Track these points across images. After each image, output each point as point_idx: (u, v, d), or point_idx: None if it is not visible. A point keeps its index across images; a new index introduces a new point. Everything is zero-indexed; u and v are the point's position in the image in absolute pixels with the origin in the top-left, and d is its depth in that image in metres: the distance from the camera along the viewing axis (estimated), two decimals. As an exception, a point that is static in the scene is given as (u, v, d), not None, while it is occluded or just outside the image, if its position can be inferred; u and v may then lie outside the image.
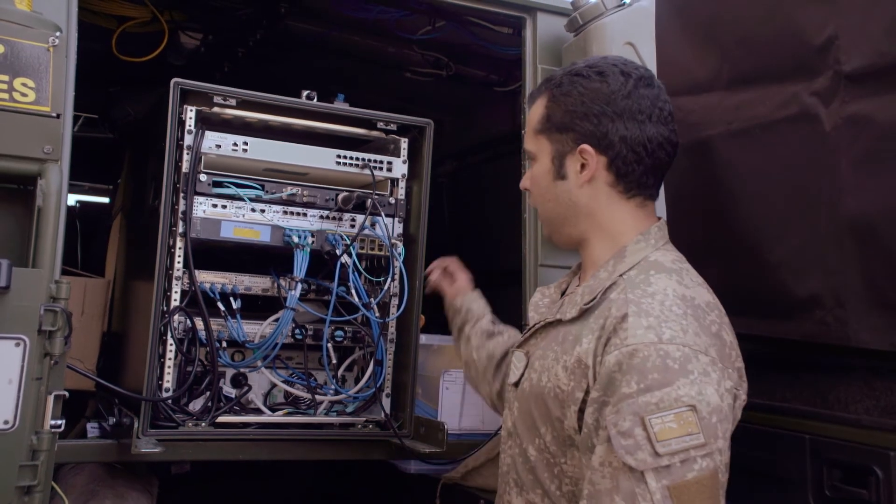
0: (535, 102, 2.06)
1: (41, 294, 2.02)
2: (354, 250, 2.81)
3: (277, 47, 3.67)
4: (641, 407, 1.66)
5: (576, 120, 1.96)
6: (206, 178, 2.68)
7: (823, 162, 1.91)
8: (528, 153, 2.09)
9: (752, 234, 2.13)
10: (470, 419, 3.17)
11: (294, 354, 2.92)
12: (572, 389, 1.81)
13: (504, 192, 4.03)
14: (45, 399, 2.08)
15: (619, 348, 1.72)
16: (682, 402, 1.65)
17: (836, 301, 1.90)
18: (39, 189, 2.09)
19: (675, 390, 1.66)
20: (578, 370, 1.80)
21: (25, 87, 2.09)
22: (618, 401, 1.68)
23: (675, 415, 1.65)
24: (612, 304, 1.82)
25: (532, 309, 2.15)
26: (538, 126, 2.04)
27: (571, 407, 1.80)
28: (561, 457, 1.86)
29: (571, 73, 2.00)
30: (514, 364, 2.08)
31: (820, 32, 1.90)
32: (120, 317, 3.32)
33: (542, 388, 1.90)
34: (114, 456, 2.67)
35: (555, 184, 2.02)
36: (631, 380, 1.68)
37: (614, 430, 1.66)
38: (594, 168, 1.96)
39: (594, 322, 1.84)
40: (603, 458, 1.69)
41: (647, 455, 1.64)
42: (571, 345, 1.86)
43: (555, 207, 2.04)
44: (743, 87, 2.15)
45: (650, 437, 1.64)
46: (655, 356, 1.69)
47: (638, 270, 1.90)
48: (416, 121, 2.95)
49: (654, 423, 1.64)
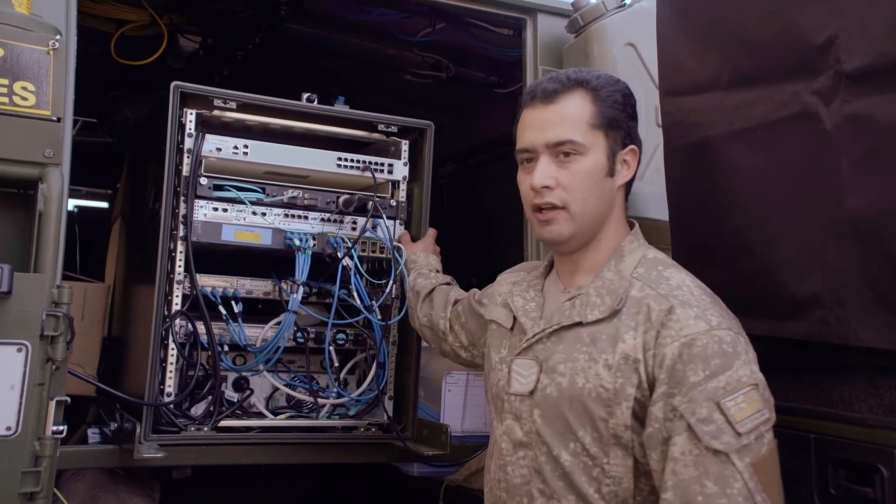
0: (569, 99, 2.01)
1: (43, 299, 2.01)
2: (356, 253, 2.80)
3: (277, 50, 3.66)
4: (712, 392, 1.74)
5: (622, 121, 2.04)
6: (207, 181, 2.68)
7: (824, 161, 1.91)
8: (575, 146, 1.99)
9: (754, 233, 2.12)
10: (472, 421, 3.16)
11: (295, 358, 2.92)
12: (621, 386, 1.84)
13: (504, 194, 4.03)
14: (46, 405, 2.07)
15: (676, 339, 1.80)
16: (744, 383, 1.76)
17: (837, 300, 1.90)
18: (41, 193, 2.08)
19: (735, 372, 1.76)
20: (626, 366, 1.85)
21: (26, 91, 2.08)
22: (688, 390, 1.76)
23: (744, 395, 1.75)
24: (644, 300, 1.89)
25: (522, 315, 2.10)
26: (593, 120, 2.01)
27: (623, 404, 1.84)
28: (603, 458, 1.87)
29: (602, 76, 2.06)
30: (517, 372, 2.04)
31: (820, 32, 1.89)
32: (120, 321, 3.31)
33: (580, 390, 1.90)
34: (116, 461, 2.67)
35: (605, 180, 2.03)
36: (697, 368, 1.76)
37: (693, 419, 1.73)
38: (634, 168, 2.07)
39: (629, 319, 1.89)
40: (684, 448, 1.74)
41: (731, 437, 1.72)
42: (609, 343, 1.89)
43: (597, 205, 2.03)
44: (744, 87, 2.14)
45: (729, 420, 1.73)
46: (712, 342, 1.78)
47: (646, 268, 1.98)
48: (417, 123, 2.95)
49: (729, 406, 1.73)
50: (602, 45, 2.72)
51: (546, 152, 2.01)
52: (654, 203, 2.51)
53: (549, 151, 2.01)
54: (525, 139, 2.06)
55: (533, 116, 2.06)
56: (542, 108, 2.03)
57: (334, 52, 3.75)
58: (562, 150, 2.00)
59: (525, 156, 2.07)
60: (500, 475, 2.04)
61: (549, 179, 2.00)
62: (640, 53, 2.71)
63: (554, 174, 2.00)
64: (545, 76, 2.12)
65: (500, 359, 2.13)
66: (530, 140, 2.04)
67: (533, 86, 2.10)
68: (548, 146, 2.01)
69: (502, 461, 2.04)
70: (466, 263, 3.22)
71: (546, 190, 2.00)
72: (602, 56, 2.69)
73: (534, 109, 2.06)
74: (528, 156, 2.06)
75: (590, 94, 2.02)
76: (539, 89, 2.05)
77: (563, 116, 2.01)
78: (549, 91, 2.03)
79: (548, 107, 2.03)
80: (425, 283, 2.74)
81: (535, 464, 1.96)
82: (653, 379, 1.83)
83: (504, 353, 2.13)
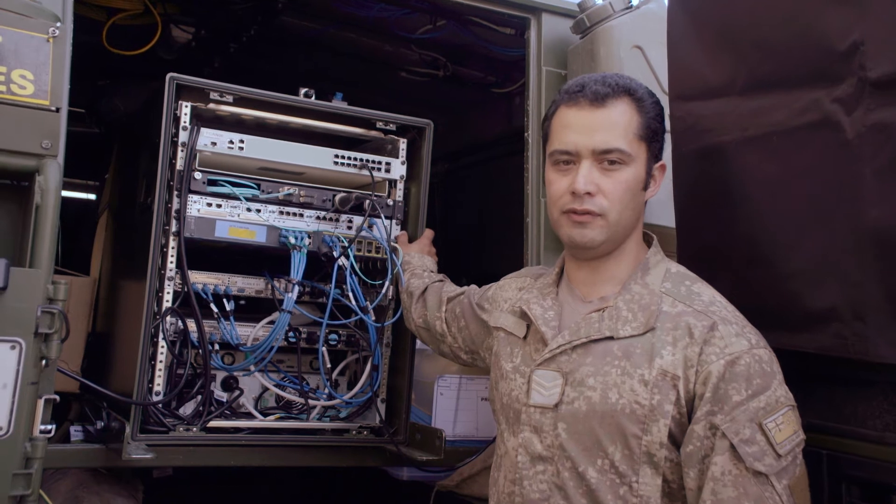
0: (618, 106, 1.95)
1: (38, 295, 1.93)
2: (352, 252, 2.74)
3: (271, 43, 3.59)
4: (754, 413, 1.73)
5: (659, 134, 2.02)
6: (201, 176, 2.61)
7: (844, 170, 1.87)
8: (623, 155, 1.93)
9: (767, 242, 2.08)
10: (464, 425, 3.11)
11: (285, 357, 2.86)
12: (658, 403, 1.81)
13: (498, 194, 4.00)
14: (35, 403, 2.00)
15: (721, 357, 1.78)
16: (782, 403, 1.76)
17: (855, 314, 1.86)
18: (37, 186, 2.00)
19: (773, 392, 1.77)
20: (664, 382, 1.81)
21: (24, 80, 2.00)
22: (730, 409, 1.74)
23: (783, 416, 1.75)
24: (681, 317, 1.86)
25: (542, 324, 2.02)
26: (639, 131, 1.96)
27: (660, 421, 1.81)
28: (632, 476, 1.82)
29: (642, 87, 2.02)
30: (538, 384, 1.97)
31: (844, 37, 1.85)
32: (106, 317, 3.23)
33: (613, 405, 1.85)
34: (102, 461, 2.60)
35: (640, 193, 2.00)
36: (740, 387, 1.75)
37: (737, 439, 1.72)
38: (660, 184, 2.06)
39: (666, 335, 1.85)
40: (724, 468, 1.73)
41: (772, 459, 1.72)
42: (644, 359, 1.85)
43: (631, 216, 1.99)
44: (759, 93, 2.10)
45: (771, 442, 1.72)
46: (752, 362, 1.78)
47: (673, 283, 1.95)
48: (416, 121, 2.89)
49: (770, 428, 1.73)
50: (609, 48, 2.67)
51: (590, 157, 1.95)
52: (658, 209, 2.47)
53: (593, 157, 1.95)
54: (568, 141, 1.97)
55: (578, 118, 1.97)
56: (590, 111, 1.96)
57: (329, 48, 3.69)
58: (608, 158, 1.94)
59: (563, 157, 1.99)
60: (514, 489, 1.97)
61: (591, 186, 1.93)
62: (647, 56, 2.67)
63: (597, 180, 1.94)
64: (588, 76, 2.03)
65: (512, 368, 2.06)
66: (573, 142, 1.96)
67: (577, 84, 2.01)
68: (594, 152, 1.94)
69: (517, 475, 1.97)
70: (458, 264, 3.17)
71: (587, 196, 1.94)
72: (608, 58, 2.64)
73: (580, 110, 1.97)
74: (567, 158, 1.98)
75: (635, 104, 1.98)
76: (589, 90, 1.97)
77: (613, 123, 1.95)
78: (600, 94, 1.96)
79: (596, 110, 1.95)
80: (418, 284, 2.69)
81: (557, 479, 1.90)
82: (692, 396, 1.80)
83: (517, 362, 2.06)
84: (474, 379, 3.13)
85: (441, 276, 2.75)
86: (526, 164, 2.84)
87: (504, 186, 3.46)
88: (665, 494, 1.82)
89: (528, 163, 2.83)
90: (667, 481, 1.81)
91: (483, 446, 2.96)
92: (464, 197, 4.44)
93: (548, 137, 2.07)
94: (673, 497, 1.82)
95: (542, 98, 2.84)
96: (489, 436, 3.06)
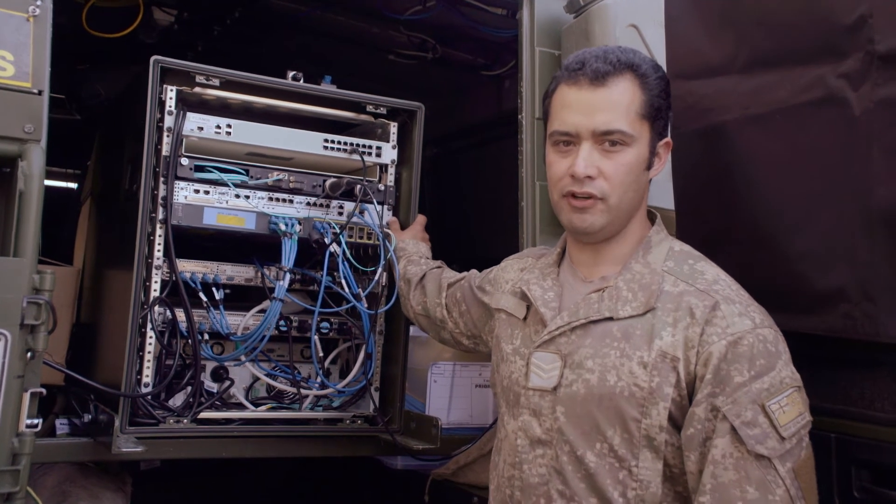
0: (620, 84, 1.88)
1: (24, 285, 1.86)
2: (344, 239, 2.68)
3: (255, 26, 3.51)
4: (756, 394, 1.69)
5: (664, 111, 1.95)
6: (188, 161, 2.54)
7: (852, 148, 1.83)
8: (624, 136, 1.87)
9: (771, 223, 2.04)
10: (458, 413, 3.07)
11: (275, 347, 2.80)
12: (658, 385, 1.77)
13: (488, 179, 3.94)
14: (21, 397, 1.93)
15: (723, 337, 1.73)
16: (787, 385, 1.71)
17: (864, 294, 1.82)
18: (20, 172, 1.92)
19: (778, 373, 1.71)
20: (663, 364, 1.77)
21: (4, 61, 1.92)
22: (732, 391, 1.70)
23: (787, 398, 1.70)
24: (683, 296, 1.81)
25: (541, 305, 1.98)
26: (642, 110, 1.90)
27: (659, 404, 1.76)
28: (631, 460, 1.78)
29: (647, 60, 1.95)
30: (537, 366, 1.93)
31: (851, 10, 1.80)
32: (91, 307, 3.16)
33: (611, 388, 1.80)
34: (90, 455, 2.54)
35: (643, 173, 1.94)
36: (742, 368, 1.71)
37: (738, 421, 1.68)
38: (664, 162, 2.00)
39: (666, 315, 1.81)
40: (725, 450, 1.69)
41: (775, 442, 1.67)
42: (644, 340, 1.80)
43: (633, 198, 1.93)
44: (761, 70, 2.06)
45: (774, 424, 1.68)
46: (756, 342, 1.73)
47: (676, 262, 1.90)
48: (407, 104, 2.84)
49: (774, 409, 1.68)
50: (604, 26, 2.62)
51: (590, 139, 1.89)
52: (656, 191, 2.42)
53: (593, 139, 1.89)
54: (567, 121, 1.91)
55: (579, 97, 1.90)
56: (590, 90, 1.89)
57: (314, 30, 3.60)
58: (608, 139, 1.88)
59: (563, 138, 1.93)
60: (514, 472, 1.94)
61: (592, 169, 1.88)
62: (643, 35, 2.62)
63: (597, 163, 1.88)
64: (589, 51, 1.95)
65: (512, 350, 2.02)
66: (573, 123, 1.90)
67: (577, 61, 1.93)
68: (594, 133, 1.88)
69: (516, 458, 1.93)
70: (448, 250, 3.11)
71: (587, 179, 1.88)
72: (604, 37, 2.59)
73: (579, 89, 1.90)
74: (567, 139, 1.92)
75: (638, 80, 1.90)
76: (589, 68, 1.89)
77: (614, 103, 1.88)
78: (601, 72, 1.88)
79: (597, 90, 1.88)
80: (416, 270, 2.64)
81: (556, 463, 1.86)
82: (693, 378, 1.75)
83: (517, 344, 2.02)
84: (468, 366, 3.09)
85: (439, 262, 2.70)
86: (520, 146, 2.78)
87: (495, 170, 3.40)
88: (666, 479, 1.78)
89: (523, 146, 2.77)
90: (668, 465, 1.78)
91: (478, 434, 2.92)
92: (454, 181, 4.38)
93: (548, 116, 2.01)
94: (674, 481, 1.79)
95: (535, 80, 2.78)
96: (484, 423, 3.02)
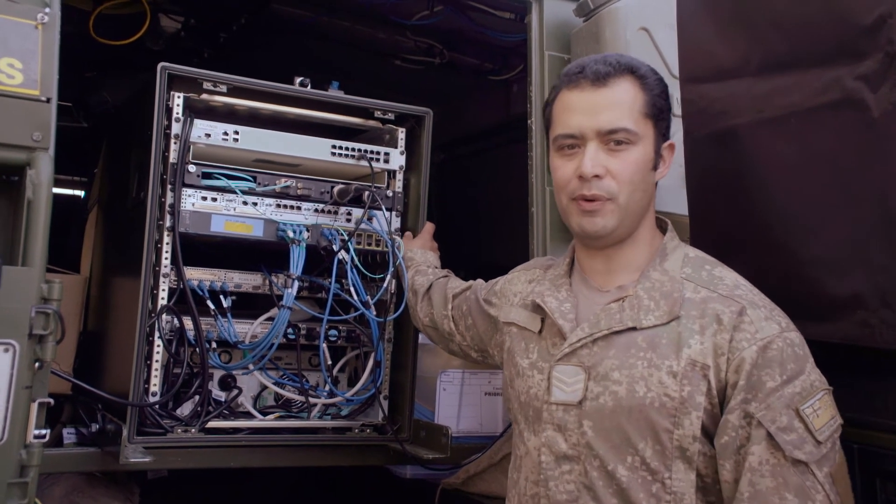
0: (621, 84, 1.87)
1: (32, 295, 1.84)
2: (352, 245, 2.66)
3: (262, 32, 3.50)
4: (790, 399, 1.67)
5: (665, 112, 1.94)
6: (195, 168, 2.52)
7: (870, 151, 1.80)
8: (629, 134, 1.85)
9: (785, 228, 2.01)
10: (468, 421, 3.04)
11: (283, 355, 2.78)
12: (689, 395, 1.74)
13: (496, 184, 3.92)
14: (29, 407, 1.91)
15: (753, 343, 1.72)
16: (817, 388, 1.70)
17: (882, 301, 1.79)
18: (29, 180, 1.90)
19: (807, 377, 1.70)
20: (693, 373, 1.74)
21: (12, 69, 1.90)
22: (765, 397, 1.68)
23: (819, 401, 1.68)
24: (707, 303, 1.79)
25: (559, 317, 1.94)
26: (645, 109, 1.88)
27: (692, 414, 1.73)
28: (664, 472, 1.74)
29: (644, 64, 1.95)
30: (559, 380, 1.88)
31: (870, 10, 1.77)
32: (98, 316, 3.14)
33: (641, 399, 1.77)
34: (98, 465, 2.51)
35: (650, 173, 1.92)
36: (774, 373, 1.69)
37: (773, 427, 1.66)
38: (669, 164, 1.98)
39: (692, 323, 1.78)
40: (762, 457, 1.66)
41: (812, 446, 1.66)
42: (672, 349, 1.77)
43: (642, 199, 1.91)
44: (775, 73, 2.03)
45: (809, 428, 1.66)
46: (785, 346, 1.71)
47: (693, 268, 1.88)
48: (416, 110, 2.82)
49: (808, 413, 1.66)
50: (614, 30, 2.59)
51: (596, 139, 1.87)
52: (667, 195, 2.40)
53: (599, 138, 1.86)
54: (571, 123, 1.89)
55: (581, 99, 1.89)
56: (592, 92, 1.88)
57: (321, 36, 3.59)
58: (614, 138, 1.86)
59: (567, 141, 1.91)
60: (539, 490, 1.89)
61: (599, 168, 1.85)
62: (654, 38, 2.59)
63: (604, 162, 1.86)
64: (587, 57, 1.96)
65: (529, 364, 1.97)
66: (577, 124, 1.88)
67: (577, 66, 1.93)
68: (599, 133, 1.86)
69: (541, 476, 1.88)
70: (457, 256, 3.09)
71: (595, 179, 1.85)
72: (614, 41, 2.56)
73: (581, 92, 1.89)
74: (572, 141, 1.90)
75: (638, 82, 1.90)
76: (589, 70, 1.89)
77: (616, 102, 1.87)
78: (601, 74, 1.87)
79: (599, 90, 1.87)
80: (423, 281, 2.61)
81: (585, 479, 1.81)
82: (724, 385, 1.73)
83: (535, 358, 1.97)
84: (477, 374, 3.06)
85: (445, 271, 2.68)
86: (529, 151, 2.76)
87: (503, 175, 3.38)
88: (699, 489, 1.74)
89: (532, 150, 2.75)
90: (700, 475, 1.74)
91: (488, 442, 2.89)
92: (462, 187, 4.36)
93: (550, 123, 1.99)
94: (707, 491, 1.75)
95: (544, 84, 2.76)
96: (493, 431, 2.99)
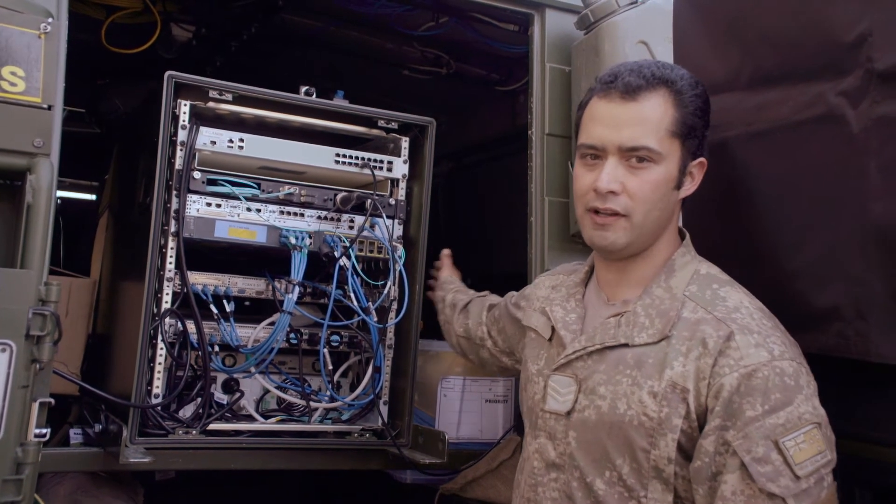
0: (652, 99, 1.84)
1: (30, 297, 1.90)
2: (353, 252, 2.71)
3: (271, 42, 3.56)
4: (770, 430, 1.62)
5: (699, 129, 1.89)
6: (201, 175, 2.57)
7: (849, 165, 1.83)
8: (651, 153, 1.82)
9: (770, 240, 2.04)
10: (468, 427, 3.08)
11: (286, 359, 2.82)
12: (667, 416, 1.72)
13: (502, 193, 3.95)
14: (29, 407, 1.96)
15: (735, 370, 1.67)
16: (805, 420, 1.64)
17: (858, 312, 1.81)
18: (29, 185, 1.96)
19: (796, 409, 1.64)
20: (673, 395, 1.72)
21: (14, 77, 1.96)
22: (744, 425, 1.64)
23: (805, 434, 1.63)
24: (699, 325, 1.76)
25: (562, 327, 1.96)
26: (673, 127, 1.84)
27: (668, 435, 1.72)
28: (640, 490, 1.74)
29: (685, 76, 1.89)
30: (554, 389, 1.92)
31: (851, 28, 1.81)
32: (106, 318, 3.20)
33: (621, 416, 1.77)
34: (100, 465, 2.56)
35: (672, 192, 1.88)
36: (755, 402, 1.64)
37: (748, 457, 1.62)
38: (699, 182, 1.93)
39: (680, 344, 1.76)
40: (735, 487, 1.63)
41: (789, 481, 1.61)
42: (655, 369, 1.76)
43: (659, 217, 1.87)
44: (764, 87, 2.07)
45: (788, 462, 1.61)
46: (773, 375, 1.66)
47: (699, 286, 1.84)
48: (419, 119, 2.85)
49: (789, 446, 1.62)
50: (613, 43, 2.62)
51: (617, 154, 1.84)
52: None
53: (620, 154, 1.84)
54: (594, 135, 1.87)
55: (608, 111, 1.86)
56: (620, 104, 1.84)
57: (329, 46, 3.65)
58: (635, 155, 1.83)
59: (590, 152, 1.89)
60: (531, 494, 1.93)
61: (615, 184, 1.83)
62: (652, 52, 2.62)
63: (622, 179, 1.83)
64: (623, 64, 1.92)
65: (536, 371, 2.01)
66: (600, 137, 1.86)
67: (611, 74, 1.89)
68: (620, 149, 1.83)
69: (534, 480, 1.93)
70: (462, 265, 3.13)
71: (611, 195, 1.84)
72: (613, 54, 2.59)
73: (609, 102, 1.85)
74: (594, 153, 1.88)
75: (672, 97, 1.85)
76: (621, 81, 1.84)
77: (643, 119, 1.83)
78: (633, 86, 1.83)
79: (627, 104, 1.83)
80: (463, 297, 2.72)
81: (567, 488, 1.84)
82: (704, 410, 1.70)
83: (541, 365, 2.00)
84: (478, 380, 3.10)
85: (485, 291, 2.75)
86: (530, 161, 2.80)
87: (509, 185, 3.41)
88: None
89: (532, 161, 2.79)
90: (679, 497, 1.73)
91: (487, 449, 2.93)
92: (469, 196, 4.40)
93: (578, 129, 1.97)
94: None
95: (545, 95, 2.80)
96: (493, 438, 3.02)
